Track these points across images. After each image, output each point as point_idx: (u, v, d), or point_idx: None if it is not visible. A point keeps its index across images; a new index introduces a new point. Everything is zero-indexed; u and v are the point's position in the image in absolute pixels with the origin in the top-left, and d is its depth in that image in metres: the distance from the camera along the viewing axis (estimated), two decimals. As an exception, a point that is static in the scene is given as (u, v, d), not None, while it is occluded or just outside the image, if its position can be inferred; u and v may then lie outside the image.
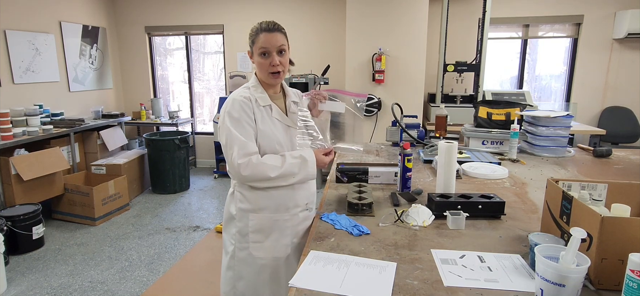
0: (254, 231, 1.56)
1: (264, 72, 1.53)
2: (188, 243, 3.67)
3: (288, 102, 1.65)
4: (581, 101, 5.11)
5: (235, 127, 1.47)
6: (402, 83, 4.57)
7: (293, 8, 5.48)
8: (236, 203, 1.59)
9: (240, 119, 1.48)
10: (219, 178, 5.70)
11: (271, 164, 1.47)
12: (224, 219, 1.68)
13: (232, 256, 1.61)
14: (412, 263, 1.19)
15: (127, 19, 5.97)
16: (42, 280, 3.06)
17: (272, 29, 1.49)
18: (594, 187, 1.31)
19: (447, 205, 1.51)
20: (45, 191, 3.92)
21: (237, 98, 1.50)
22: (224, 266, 1.66)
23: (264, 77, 1.55)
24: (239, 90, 1.57)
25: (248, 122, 1.49)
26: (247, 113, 1.49)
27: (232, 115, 1.48)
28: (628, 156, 2.57)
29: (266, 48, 1.49)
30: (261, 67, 1.52)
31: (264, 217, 1.56)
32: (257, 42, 1.49)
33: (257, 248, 1.57)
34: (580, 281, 0.92)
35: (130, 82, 6.21)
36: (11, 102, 4.25)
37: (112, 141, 4.91)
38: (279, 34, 1.50)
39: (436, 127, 2.87)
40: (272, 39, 1.49)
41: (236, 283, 1.61)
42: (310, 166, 1.52)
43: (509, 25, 5.22)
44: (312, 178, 1.59)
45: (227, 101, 1.54)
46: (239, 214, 1.58)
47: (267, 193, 1.54)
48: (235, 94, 1.54)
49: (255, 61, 1.53)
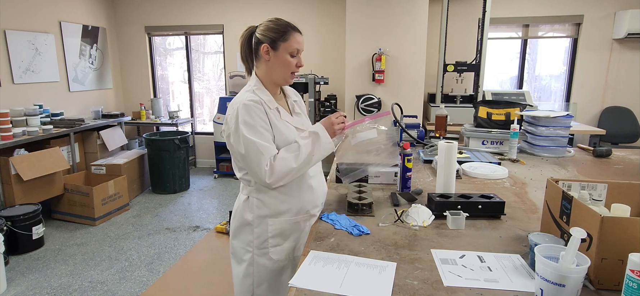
0: (273, 236, 1.52)
1: (286, 71, 1.47)
2: (188, 243, 3.67)
3: (290, 103, 1.61)
4: (581, 101, 5.11)
5: (254, 135, 1.38)
6: (402, 83, 4.57)
7: (293, 8, 5.48)
8: (252, 210, 1.52)
9: (255, 125, 1.39)
10: (219, 178, 5.69)
11: (289, 156, 1.40)
12: (234, 227, 1.59)
13: (249, 264, 1.54)
14: (412, 263, 1.19)
15: (127, 19, 5.97)
16: (42, 280, 3.06)
17: (300, 31, 1.48)
18: (593, 187, 1.31)
19: (447, 205, 1.51)
20: (45, 191, 3.92)
21: (248, 103, 1.40)
22: (240, 274, 1.57)
23: (281, 78, 1.49)
24: (245, 94, 1.46)
25: (264, 126, 1.41)
26: (262, 117, 1.41)
27: (247, 122, 1.39)
28: (628, 156, 2.57)
29: (299, 48, 1.46)
30: (286, 66, 1.46)
31: (284, 221, 1.52)
32: (288, 40, 1.43)
33: (277, 251, 1.53)
34: (580, 281, 0.92)
35: (130, 82, 6.21)
36: (11, 102, 4.25)
37: (112, 141, 4.91)
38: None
39: (436, 127, 2.87)
40: (302, 40, 1.47)
41: (255, 289, 1.56)
42: (322, 138, 1.44)
43: (508, 25, 5.22)
44: (332, 150, 1.49)
45: (235, 107, 1.43)
46: (257, 221, 1.52)
47: (288, 197, 1.51)
48: (242, 99, 1.43)
49: (279, 59, 1.45)
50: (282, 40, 1.44)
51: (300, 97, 1.71)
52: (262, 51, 1.46)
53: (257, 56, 1.50)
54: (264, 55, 1.46)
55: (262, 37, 1.45)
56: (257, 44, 1.48)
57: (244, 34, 1.51)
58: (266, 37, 1.44)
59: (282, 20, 1.47)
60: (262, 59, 1.48)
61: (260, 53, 1.47)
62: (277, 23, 1.45)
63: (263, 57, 1.47)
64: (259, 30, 1.47)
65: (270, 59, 1.46)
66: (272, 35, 1.44)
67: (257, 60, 1.51)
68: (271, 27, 1.45)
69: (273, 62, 1.46)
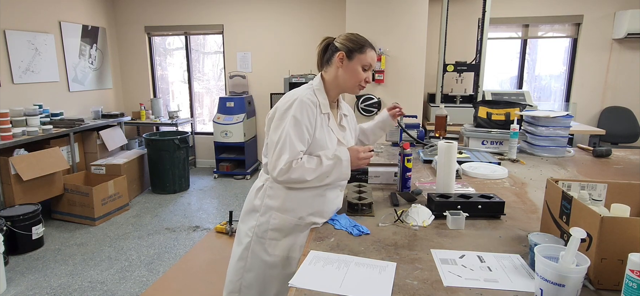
0: (273, 229, 1.55)
1: (355, 82, 1.54)
2: (188, 243, 3.67)
3: (340, 115, 1.64)
4: (581, 101, 5.11)
5: (295, 131, 1.43)
6: (402, 83, 4.57)
7: (293, 8, 5.48)
8: (263, 198, 1.56)
9: (302, 122, 1.44)
10: (218, 178, 5.69)
11: (308, 167, 1.43)
12: (243, 211, 1.65)
13: (246, 248, 1.59)
14: (412, 263, 1.19)
15: (127, 19, 5.97)
16: (42, 280, 3.06)
17: (375, 49, 1.57)
18: (593, 187, 1.31)
19: (447, 205, 1.51)
20: (44, 191, 3.92)
21: (305, 100, 1.46)
22: (236, 255, 1.64)
23: (349, 86, 1.55)
24: (305, 91, 1.51)
25: (308, 128, 1.45)
26: (310, 119, 1.46)
27: (296, 117, 1.43)
28: (628, 156, 2.57)
29: (372, 64, 1.54)
30: (357, 76, 1.52)
31: (287, 218, 1.53)
32: (363, 54, 1.51)
33: (272, 245, 1.56)
34: (580, 281, 0.92)
35: (130, 82, 6.21)
36: (11, 102, 4.25)
37: (111, 141, 4.91)
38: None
39: (436, 127, 2.87)
40: (375, 57, 1.56)
41: (245, 273, 1.60)
42: (345, 166, 1.48)
43: (508, 25, 5.22)
44: (346, 178, 1.54)
45: (290, 98, 1.48)
46: (263, 209, 1.56)
47: (299, 198, 1.51)
48: (301, 94, 1.48)
49: (351, 68, 1.52)
50: (358, 52, 1.51)
51: (352, 113, 1.76)
52: (337, 58, 1.53)
53: (329, 61, 1.56)
54: (338, 62, 1.53)
55: (341, 45, 1.52)
56: (333, 51, 1.54)
57: (321, 43, 1.60)
58: (344, 46, 1.52)
59: (362, 36, 1.55)
60: (334, 65, 1.54)
61: (334, 59, 1.54)
62: (357, 36, 1.54)
63: (336, 63, 1.53)
64: (338, 40, 1.55)
65: (343, 66, 1.52)
66: (351, 45, 1.51)
67: (329, 65, 1.57)
68: (351, 38, 1.53)
69: (345, 70, 1.52)
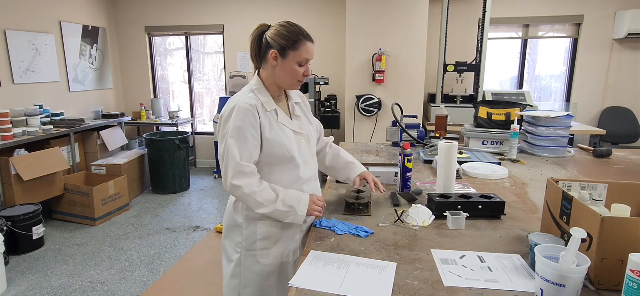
0: (261, 239, 1.50)
1: (292, 79, 1.44)
2: (188, 243, 3.67)
3: (291, 105, 1.58)
4: (581, 101, 5.11)
5: (237, 141, 1.37)
6: (402, 83, 4.57)
7: (293, 8, 5.48)
8: (243, 210, 1.51)
9: (243, 128, 1.37)
10: (218, 178, 5.69)
11: (260, 201, 1.39)
12: (225, 227, 1.60)
13: (237, 264, 1.53)
14: (412, 263, 1.19)
15: (127, 19, 5.97)
16: (42, 280, 3.06)
17: (311, 39, 1.43)
18: (594, 187, 1.31)
19: (447, 205, 1.51)
20: (45, 191, 3.92)
21: (242, 105, 1.38)
22: (228, 274, 1.58)
23: (286, 85, 1.48)
24: (243, 95, 1.44)
25: (253, 134, 1.39)
26: (253, 124, 1.39)
27: (235, 125, 1.37)
28: (628, 156, 2.57)
29: (308, 58, 1.43)
30: (293, 74, 1.43)
31: (273, 224, 1.49)
32: (298, 49, 1.40)
33: (264, 254, 1.51)
34: (580, 281, 0.92)
35: (130, 82, 6.21)
36: (11, 102, 4.25)
37: (112, 141, 4.91)
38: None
39: (436, 127, 2.87)
40: (312, 49, 1.43)
41: (241, 290, 1.55)
42: (299, 216, 1.44)
43: (508, 25, 5.22)
44: (299, 223, 1.49)
45: (229, 107, 1.42)
46: (246, 223, 1.51)
47: None
48: (238, 100, 1.41)
49: (286, 67, 1.42)
50: (291, 48, 1.39)
51: (304, 98, 1.67)
52: (270, 56, 1.42)
53: (264, 58, 1.45)
54: (272, 60, 1.42)
55: (272, 42, 1.41)
56: (266, 47, 1.44)
57: (254, 32, 1.47)
58: (276, 43, 1.40)
59: (295, 26, 1.42)
60: (268, 63, 1.44)
61: (268, 57, 1.43)
62: (289, 30, 1.40)
63: (270, 62, 1.43)
64: (269, 33, 1.42)
65: (278, 65, 1.42)
66: (282, 42, 1.40)
67: (264, 62, 1.47)
68: (283, 33, 1.40)
69: (280, 68, 1.43)
